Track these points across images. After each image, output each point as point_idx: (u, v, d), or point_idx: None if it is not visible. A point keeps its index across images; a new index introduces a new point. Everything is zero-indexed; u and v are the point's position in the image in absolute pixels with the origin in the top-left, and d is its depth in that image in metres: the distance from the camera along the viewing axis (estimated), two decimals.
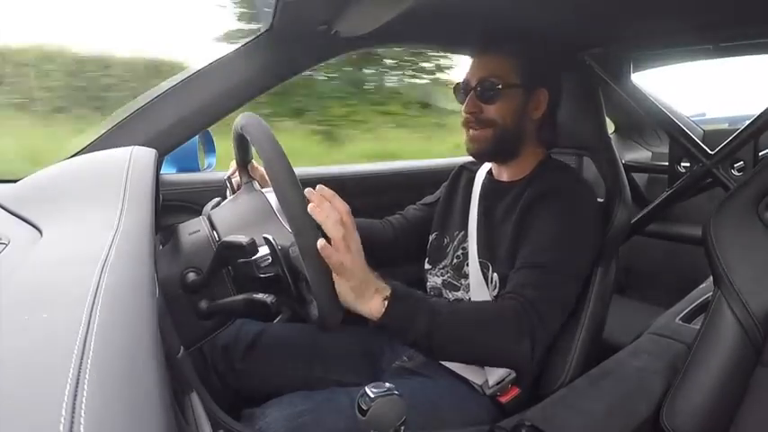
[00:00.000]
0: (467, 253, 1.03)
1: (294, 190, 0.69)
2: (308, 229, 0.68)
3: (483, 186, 1.09)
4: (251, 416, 0.87)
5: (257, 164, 0.97)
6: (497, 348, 0.83)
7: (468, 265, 1.02)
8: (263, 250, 0.74)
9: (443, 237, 1.11)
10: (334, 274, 0.71)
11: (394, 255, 1.18)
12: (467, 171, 1.17)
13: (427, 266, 1.11)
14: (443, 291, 1.04)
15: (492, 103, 0.98)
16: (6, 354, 0.29)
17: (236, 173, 0.99)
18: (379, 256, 1.19)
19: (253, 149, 0.88)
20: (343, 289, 0.72)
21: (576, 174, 1.10)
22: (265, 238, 0.74)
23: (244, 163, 0.94)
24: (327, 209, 0.71)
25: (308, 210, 0.69)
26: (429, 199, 1.21)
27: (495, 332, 0.82)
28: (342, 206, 0.73)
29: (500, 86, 0.97)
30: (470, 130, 1.01)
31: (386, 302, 0.75)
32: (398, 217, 1.19)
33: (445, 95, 4.97)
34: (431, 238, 1.13)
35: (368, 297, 0.74)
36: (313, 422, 0.84)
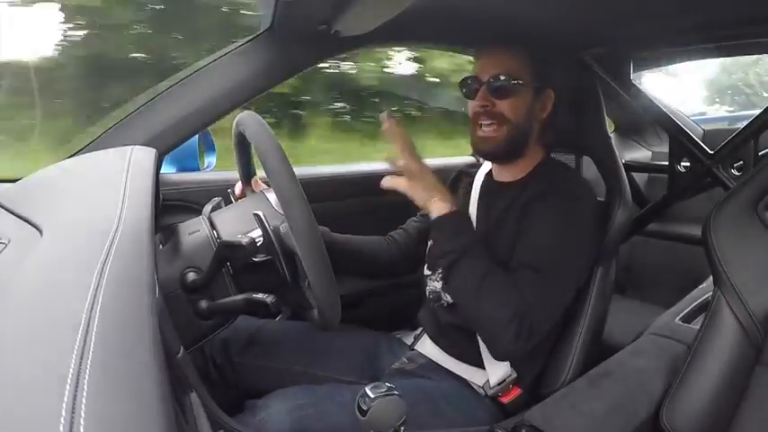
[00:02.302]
0: None
1: (287, 172, 0.69)
2: (301, 210, 0.68)
3: (482, 187, 1.09)
4: (253, 407, 0.87)
5: (260, 180, 0.98)
6: (487, 320, 0.88)
7: None
8: (256, 232, 0.75)
9: None
10: (406, 180, 0.90)
11: (401, 270, 1.18)
12: (465, 175, 1.17)
13: (426, 272, 1.11)
14: (442, 294, 1.04)
15: (504, 99, 0.98)
16: (6, 354, 0.29)
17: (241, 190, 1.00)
18: (388, 272, 1.19)
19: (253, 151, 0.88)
20: (416, 189, 0.90)
21: (575, 173, 1.11)
22: (255, 215, 0.74)
23: (247, 177, 0.94)
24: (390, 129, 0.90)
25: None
26: None
27: (494, 304, 0.86)
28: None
29: (514, 82, 0.97)
30: (482, 127, 1.00)
31: (449, 209, 0.92)
32: (401, 232, 1.19)
33: None
34: (429, 244, 1.13)
35: (437, 198, 0.92)
36: (315, 415, 0.85)
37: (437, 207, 0.92)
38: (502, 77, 0.98)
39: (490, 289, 0.87)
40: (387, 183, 0.91)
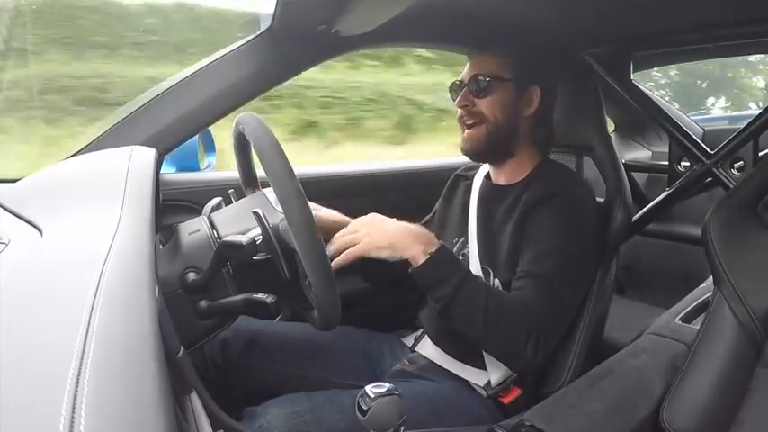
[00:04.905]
0: (467, 259, 1.02)
1: (286, 171, 0.69)
2: (300, 208, 0.68)
3: (481, 191, 1.09)
4: (252, 414, 0.87)
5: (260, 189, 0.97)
6: (501, 342, 0.88)
7: None
8: (256, 232, 0.75)
9: None
10: (356, 238, 0.87)
11: (401, 273, 1.18)
12: (463, 179, 1.17)
13: None
14: None
15: (483, 97, 1.00)
16: (6, 354, 0.29)
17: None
18: (385, 277, 1.18)
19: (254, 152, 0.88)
20: (384, 253, 0.87)
21: (574, 175, 1.11)
22: (255, 213, 0.74)
23: (247, 177, 0.94)
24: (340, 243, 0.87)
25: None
26: (427, 218, 1.22)
27: (505, 327, 0.86)
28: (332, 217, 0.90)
29: (490, 80, 0.99)
30: (465, 129, 1.03)
31: (427, 257, 0.86)
32: None
33: None
34: None
35: (410, 249, 0.87)
36: (314, 421, 0.84)
37: (416, 256, 0.87)
38: (480, 77, 1.00)
39: (496, 314, 0.86)
40: (337, 261, 0.86)
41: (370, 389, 0.63)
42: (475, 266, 1.00)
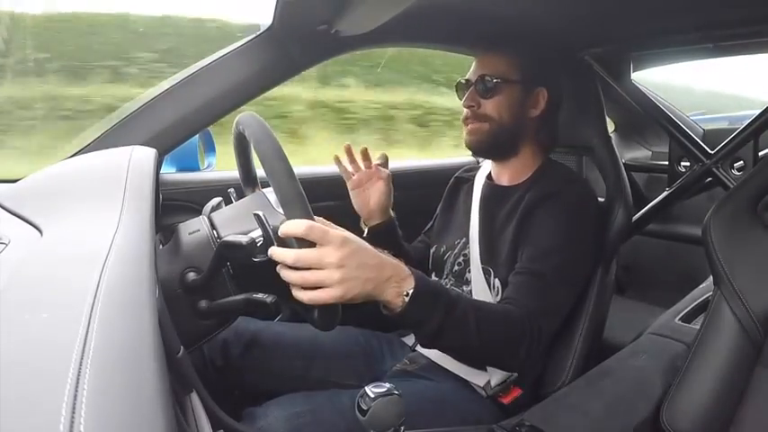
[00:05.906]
0: (468, 260, 1.03)
1: (287, 172, 0.69)
2: (301, 210, 0.67)
3: (483, 191, 1.09)
4: (252, 415, 0.87)
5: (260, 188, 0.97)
6: (496, 354, 0.86)
7: (469, 271, 1.02)
8: (256, 232, 0.75)
9: (441, 247, 1.12)
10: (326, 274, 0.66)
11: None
12: (463, 181, 1.17)
13: (433, 279, 1.11)
14: None
15: (489, 98, 1.00)
16: (6, 353, 0.29)
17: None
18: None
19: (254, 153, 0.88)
20: (357, 300, 0.69)
21: (576, 176, 1.11)
22: (255, 215, 0.74)
23: (247, 177, 0.94)
24: (285, 258, 0.65)
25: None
26: (429, 226, 1.23)
27: (498, 339, 0.84)
28: (295, 228, 0.65)
29: (498, 81, 0.99)
30: (468, 125, 1.03)
31: (405, 299, 0.72)
32: (420, 245, 1.20)
33: None
34: (431, 252, 1.13)
35: (385, 293, 0.71)
36: (314, 422, 0.84)
37: (391, 300, 0.72)
38: (487, 77, 1.00)
39: (489, 330, 0.81)
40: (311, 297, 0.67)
41: (371, 389, 0.63)
42: (476, 267, 1.00)
